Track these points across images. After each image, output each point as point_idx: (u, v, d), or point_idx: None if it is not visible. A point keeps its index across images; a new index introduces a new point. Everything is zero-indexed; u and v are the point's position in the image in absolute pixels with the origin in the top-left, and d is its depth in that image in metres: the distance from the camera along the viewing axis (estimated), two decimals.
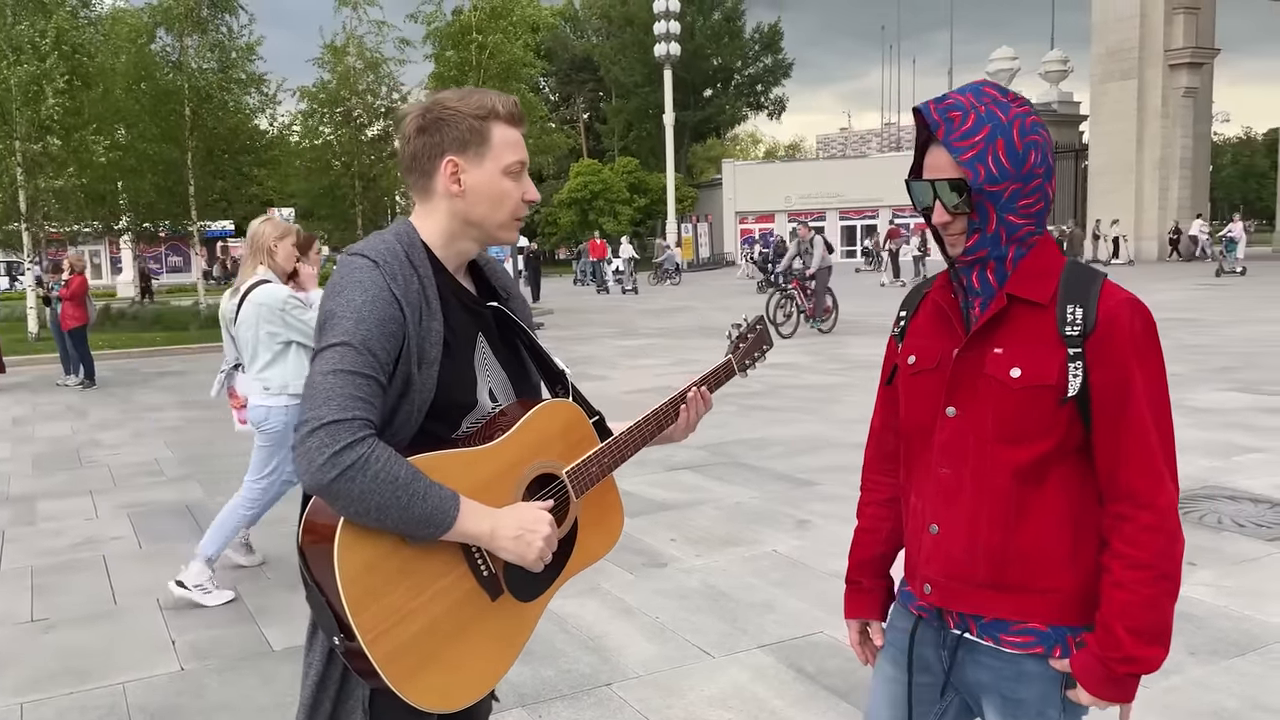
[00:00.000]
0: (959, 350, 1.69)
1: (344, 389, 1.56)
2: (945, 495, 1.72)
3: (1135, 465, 1.58)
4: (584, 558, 1.90)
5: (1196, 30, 41.01)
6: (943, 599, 1.74)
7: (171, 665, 4.05)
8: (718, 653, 3.99)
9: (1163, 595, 1.58)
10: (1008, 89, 1.67)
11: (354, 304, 1.62)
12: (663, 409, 2.00)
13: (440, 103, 1.75)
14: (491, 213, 1.77)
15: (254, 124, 24.35)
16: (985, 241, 1.64)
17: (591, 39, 60.25)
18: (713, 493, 6.46)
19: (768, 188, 51.65)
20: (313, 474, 1.52)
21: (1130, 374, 1.57)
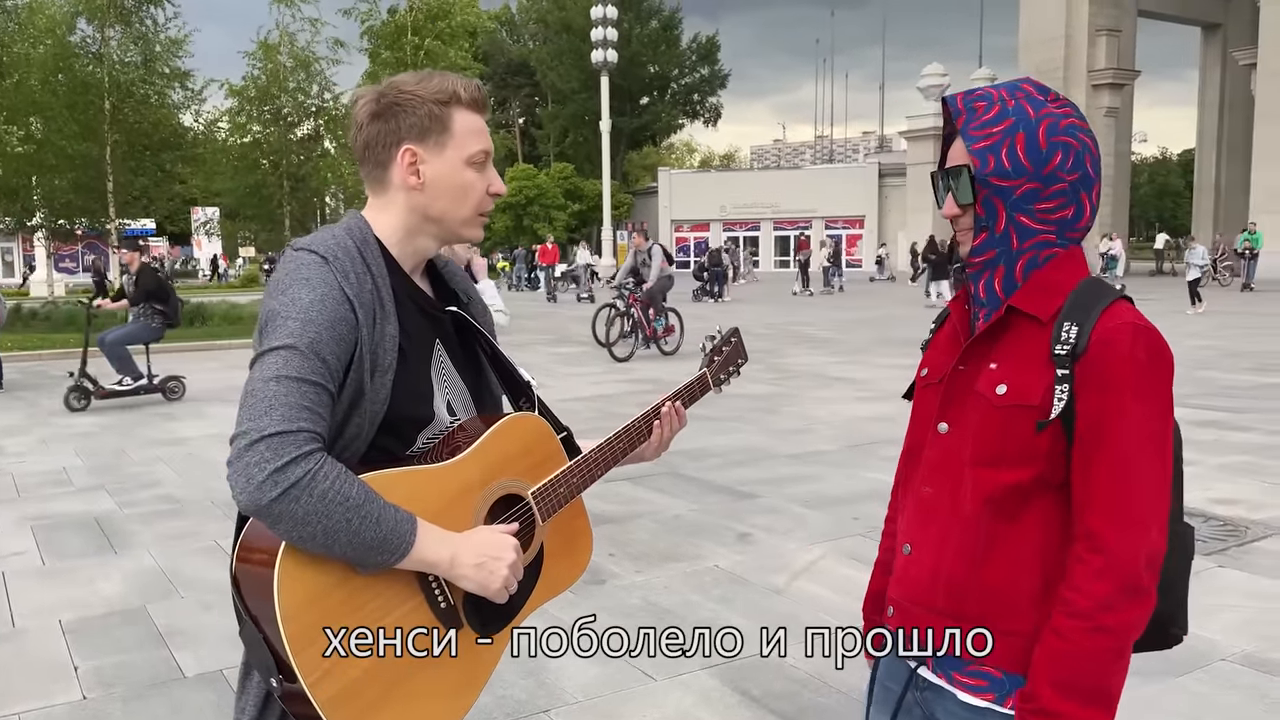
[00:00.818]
0: (956, 363, 1.58)
1: (289, 397, 1.39)
2: (923, 515, 1.60)
3: (1102, 505, 1.41)
4: (550, 587, 1.74)
5: (1118, 52, 42.33)
6: (902, 622, 1.63)
7: (73, 694, 3.74)
8: (660, 675, 3.83)
9: (1100, 652, 1.38)
10: (1049, 89, 1.54)
11: (300, 303, 1.46)
12: (635, 425, 1.87)
13: (396, 86, 1.60)
14: (454, 207, 1.63)
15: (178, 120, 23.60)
16: (993, 242, 1.52)
17: (528, 44, 59.92)
18: (651, 505, 6.31)
19: (703, 197, 51.88)
20: (250, 492, 1.34)
21: (1117, 403, 1.40)
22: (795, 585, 4.80)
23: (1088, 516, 1.42)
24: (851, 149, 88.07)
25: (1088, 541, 1.42)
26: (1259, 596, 4.55)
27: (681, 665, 3.92)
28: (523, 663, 3.96)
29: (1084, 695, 1.38)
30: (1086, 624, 1.39)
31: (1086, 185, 1.50)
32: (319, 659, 1.39)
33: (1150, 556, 1.41)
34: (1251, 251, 30.66)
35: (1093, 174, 1.50)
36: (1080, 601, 1.40)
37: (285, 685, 1.41)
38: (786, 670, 3.84)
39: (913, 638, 1.60)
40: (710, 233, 50.39)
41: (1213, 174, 46.42)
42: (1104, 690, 1.40)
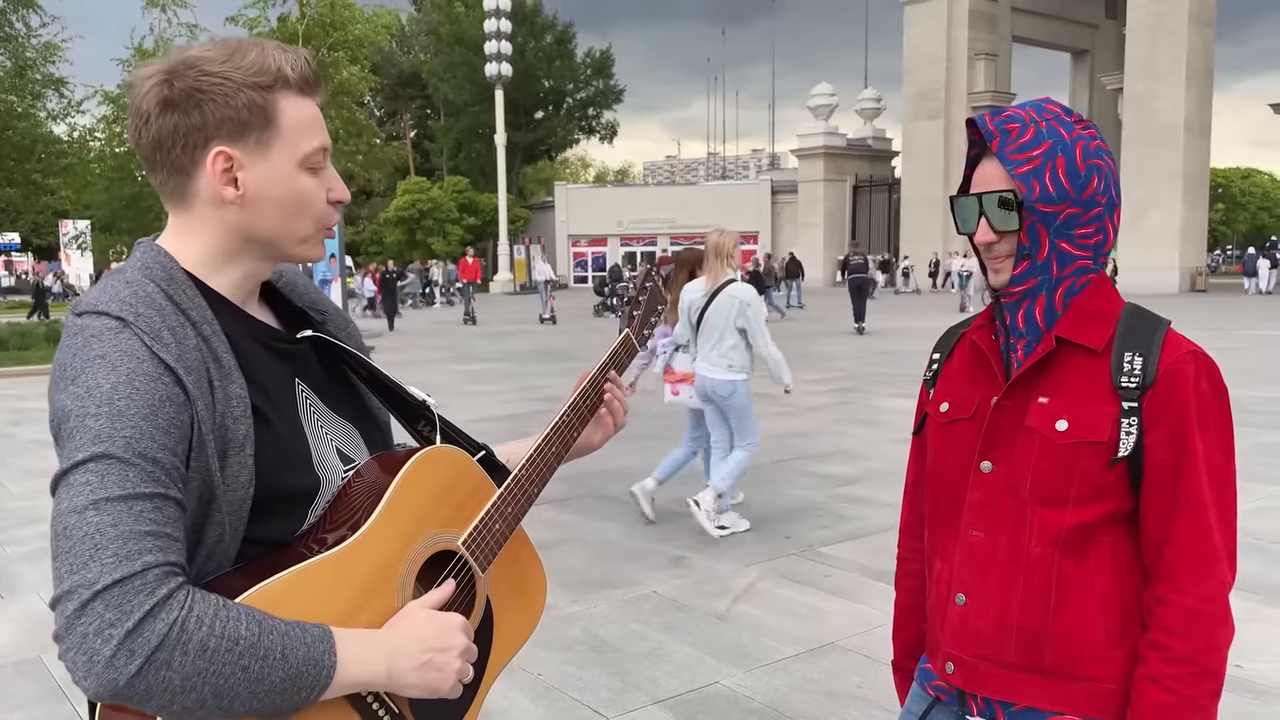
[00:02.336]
0: (998, 398, 1.49)
1: (117, 527, 1.02)
2: (976, 562, 1.51)
3: (1184, 542, 1.38)
4: (508, 645, 1.44)
5: (996, 75, 44.24)
6: (967, 681, 1.53)
7: None
8: (611, 712, 3.67)
9: (1204, 695, 1.37)
10: (1074, 110, 1.49)
11: (99, 393, 1.07)
12: (564, 421, 1.55)
13: (197, 64, 1.18)
14: (287, 225, 1.25)
15: (47, 130, 22.36)
16: (1035, 270, 1.45)
17: (419, 55, 59.02)
18: (579, 530, 6.14)
19: (600, 211, 51.89)
20: (99, 675, 0.97)
21: (1190, 437, 1.37)
22: (737, 609, 4.71)
23: (1171, 555, 1.39)
24: (743, 166, 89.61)
25: (1173, 582, 1.39)
26: None
27: (630, 699, 3.77)
28: None
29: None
30: (1189, 669, 1.36)
31: (1112, 209, 1.46)
32: None
33: (1229, 589, 1.41)
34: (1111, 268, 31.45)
35: (1116, 197, 1.47)
36: (1178, 646, 1.37)
37: None
38: (741, 701, 3.74)
39: (979, 696, 1.53)
40: (608, 248, 50.43)
41: None
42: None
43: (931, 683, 1.62)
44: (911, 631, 1.74)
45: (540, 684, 3.92)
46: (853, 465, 6.90)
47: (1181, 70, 35.65)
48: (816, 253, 46.15)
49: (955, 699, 1.57)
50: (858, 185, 48.53)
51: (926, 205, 44.01)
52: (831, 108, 48.77)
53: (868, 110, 50.93)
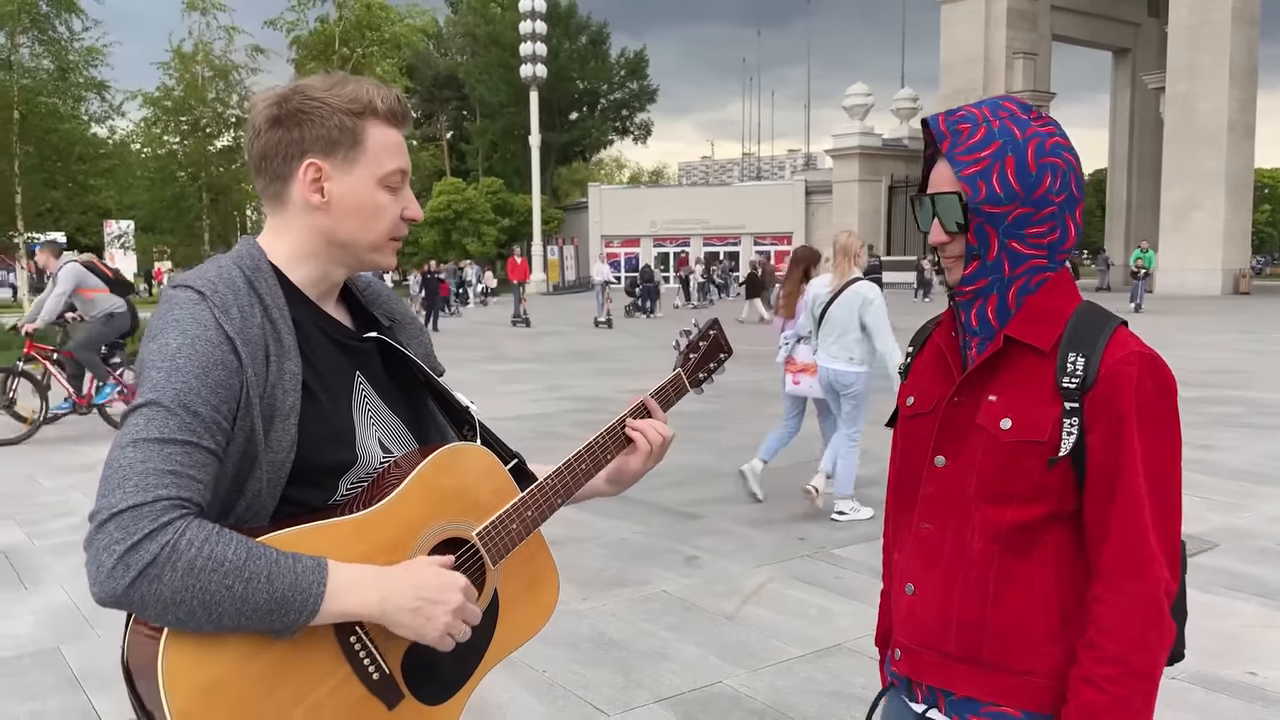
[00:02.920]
0: (952, 395, 1.52)
1: (146, 464, 1.19)
2: (924, 554, 1.55)
3: (1119, 543, 1.39)
4: (511, 638, 1.53)
5: (1034, 75, 43.70)
6: (911, 668, 1.57)
7: None
8: (613, 710, 3.69)
9: (1136, 696, 1.38)
10: (1031, 106, 1.49)
11: (167, 351, 1.27)
12: (598, 441, 1.66)
13: (303, 91, 1.40)
14: (361, 231, 1.43)
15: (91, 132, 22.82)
16: (985, 270, 1.47)
17: (455, 57, 59.47)
18: (595, 528, 6.16)
19: (633, 212, 51.96)
20: (101, 583, 1.15)
21: (1129, 439, 1.38)
22: (745, 610, 4.71)
23: (1103, 556, 1.40)
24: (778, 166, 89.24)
25: (1106, 583, 1.40)
26: (1202, 613, 4.53)
27: (633, 697, 3.79)
28: None
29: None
30: (1120, 670, 1.37)
31: (1072, 206, 1.46)
32: None
33: (1167, 591, 1.40)
34: (1144, 270, 28.37)
35: (1077, 193, 1.47)
36: (1109, 646, 1.38)
37: None
38: (744, 701, 3.74)
39: (924, 684, 1.56)
40: (640, 248, 50.47)
41: (1124, 194, 48.08)
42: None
43: (889, 669, 1.66)
44: (888, 619, 1.76)
45: (544, 680, 3.95)
46: (870, 466, 6.86)
47: (1225, 70, 35.04)
48: None
49: (904, 685, 1.61)
50: (893, 185, 48.15)
51: None
52: (867, 107, 48.47)
53: (904, 110, 50.55)
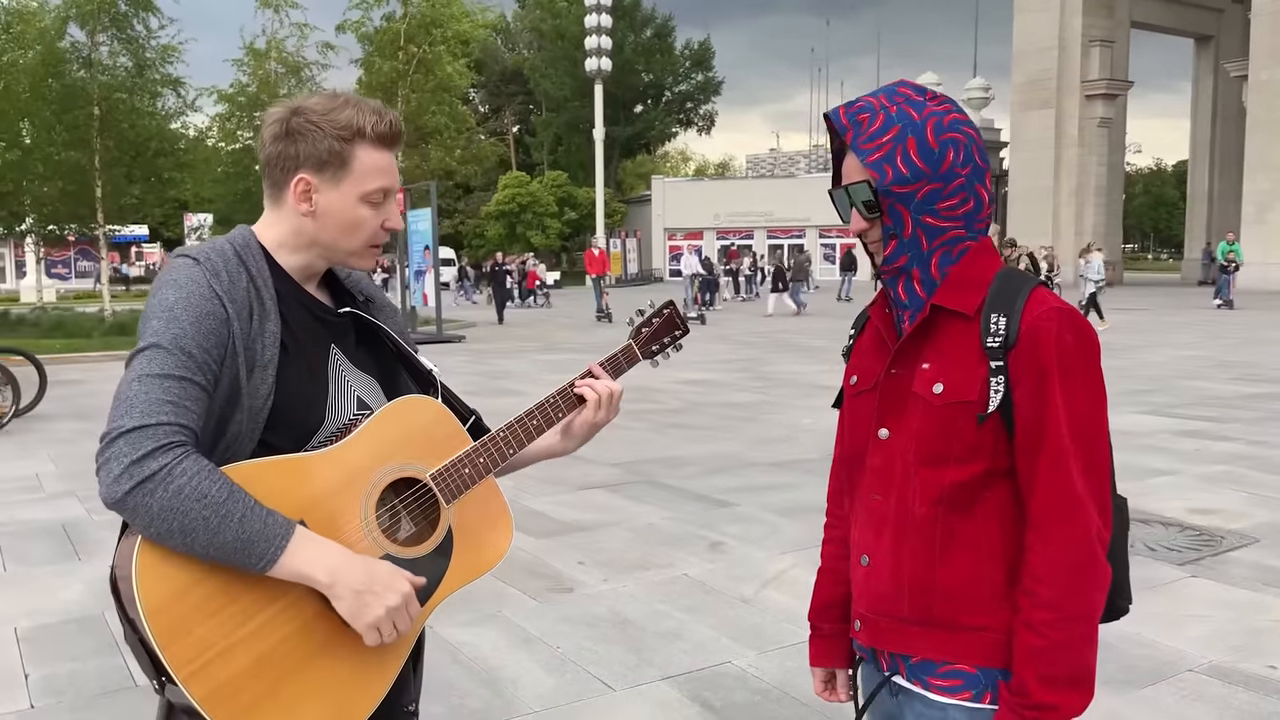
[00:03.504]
0: (888, 367, 1.57)
1: (149, 394, 1.40)
2: (875, 524, 1.59)
3: (1047, 491, 1.44)
4: (465, 572, 1.67)
5: (1111, 63, 42.49)
6: (871, 637, 1.61)
7: (20, 703, 3.68)
8: (620, 685, 3.77)
9: (1075, 640, 1.43)
10: (925, 88, 1.54)
11: (166, 303, 1.48)
12: (548, 400, 1.80)
13: (304, 112, 1.58)
14: (342, 240, 1.62)
15: (170, 127, 23.54)
16: (904, 247, 1.52)
17: (522, 52, 59.97)
18: (625, 513, 6.25)
19: (697, 205, 51.89)
20: (108, 485, 1.37)
21: (1051, 390, 1.42)
22: (763, 594, 4.75)
23: (1033, 505, 1.45)
24: None
25: (1037, 531, 1.45)
26: (1229, 606, 4.50)
27: (643, 674, 3.86)
28: (480, 671, 3.90)
29: (1068, 683, 1.43)
30: (1056, 614, 1.42)
31: (979, 176, 1.51)
32: (194, 653, 1.36)
33: (1098, 535, 1.44)
34: (1234, 264, 26.93)
35: (981, 163, 1.51)
36: (1044, 592, 1.43)
37: (168, 687, 1.39)
38: (750, 681, 3.79)
39: (886, 652, 1.61)
40: (704, 241, 50.39)
41: (1205, 184, 46.56)
42: (1085, 671, 1.45)
43: (855, 644, 1.70)
44: (824, 595, 1.79)
45: (557, 656, 4.04)
46: None
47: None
48: None
49: (870, 656, 1.66)
50: None
51: (1036, 198, 42.67)
52: None
53: (975, 100, 49.69)
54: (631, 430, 9.09)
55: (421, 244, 20.13)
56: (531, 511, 6.28)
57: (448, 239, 50.76)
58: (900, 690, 1.59)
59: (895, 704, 1.61)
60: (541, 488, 6.87)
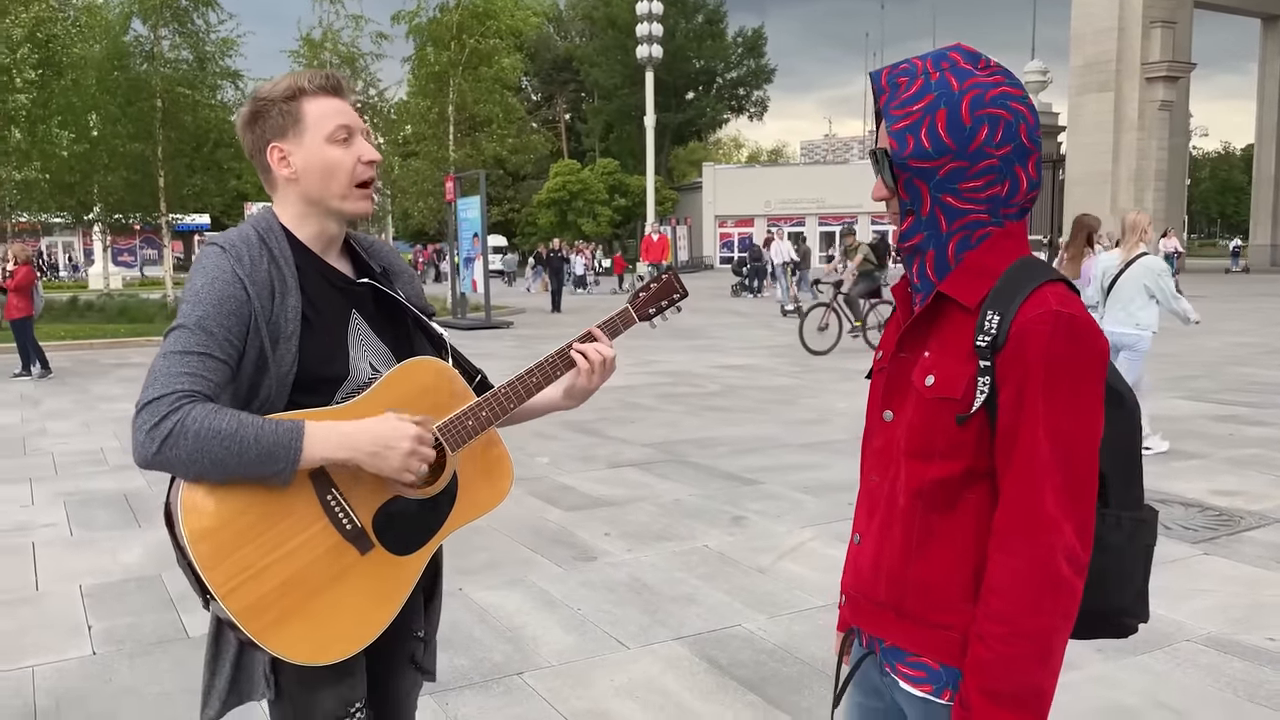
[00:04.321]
0: (895, 349, 1.55)
1: (170, 369, 1.60)
2: (870, 505, 1.60)
3: (1015, 504, 1.37)
4: (469, 510, 1.86)
5: (1174, 44, 41.43)
6: (852, 614, 1.64)
7: (84, 649, 4.01)
8: (633, 644, 3.99)
9: (1022, 658, 1.36)
10: (982, 56, 1.45)
11: (193, 288, 1.68)
12: (548, 359, 1.95)
13: (255, 96, 1.79)
14: (327, 184, 1.77)
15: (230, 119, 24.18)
16: (920, 225, 1.46)
17: (575, 40, 60.22)
18: (654, 490, 6.47)
19: (748, 192, 51.76)
20: (139, 452, 1.57)
21: (1032, 399, 1.35)
22: (779, 565, 4.94)
23: (999, 515, 1.39)
24: None
25: (1000, 541, 1.39)
26: (1236, 582, 4.59)
27: (656, 634, 4.08)
28: (504, 629, 4.15)
29: (1011, 700, 1.36)
30: (1007, 630, 1.36)
31: (1022, 157, 1.41)
32: (231, 575, 1.59)
33: (1068, 556, 1.36)
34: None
35: (1029, 144, 1.41)
36: (997, 605, 1.38)
37: (212, 603, 1.61)
38: (757, 642, 3.98)
39: (861, 631, 1.64)
40: (755, 228, 50.25)
41: (1271, 169, 45.27)
42: (1032, 692, 1.37)
43: None
44: None
45: (577, 617, 4.28)
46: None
47: None
48: None
49: (856, 630, 1.67)
50: None
51: (1094, 183, 41.86)
52: None
53: (1033, 84, 48.78)
54: (667, 412, 9.30)
55: (471, 231, 20.48)
56: (563, 486, 6.53)
57: (498, 227, 51.31)
58: (885, 671, 1.58)
59: (882, 682, 1.60)
60: (575, 465, 7.12)
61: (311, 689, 1.76)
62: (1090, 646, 3.87)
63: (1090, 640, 1.56)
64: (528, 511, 5.92)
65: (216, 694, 1.79)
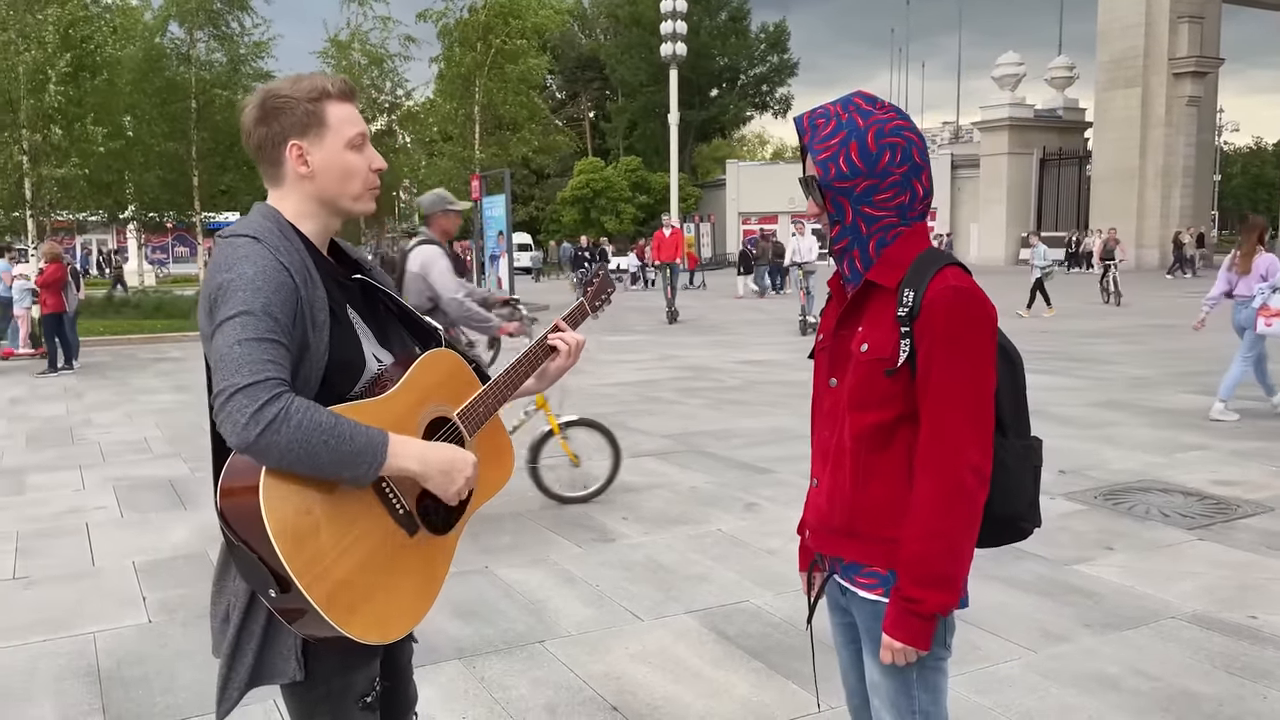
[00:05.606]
0: (834, 328, 1.98)
1: (252, 354, 1.63)
2: (821, 454, 2.01)
3: (929, 431, 1.80)
4: (485, 491, 2.03)
5: (1201, 39, 41.15)
6: (815, 543, 2.04)
7: (140, 618, 4.35)
8: (648, 617, 4.27)
9: (935, 553, 1.79)
10: (878, 99, 1.89)
11: (246, 276, 1.69)
12: (532, 350, 2.16)
13: (274, 92, 1.83)
14: (343, 186, 1.87)
15: None
16: (845, 232, 1.89)
17: (599, 38, 60.53)
18: (671, 478, 6.74)
19: (771, 188, 51.77)
20: (239, 434, 1.59)
21: (939, 349, 1.77)
22: (789, 547, 5.19)
23: (923, 441, 1.82)
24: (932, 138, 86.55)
25: (920, 460, 1.82)
26: (1226, 566, 4.80)
27: (667, 609, 4.36)
28: (527, 603, 4.44)
29: (932, 582, 1.80)
30: (921, 529, 1.80)
31: (916, 173, 1.85)
32: (310, 565, 1.64)
33: (974, 469, 1.78)
34: None
35: (920, 162, 1.85)
36: (916, 513, 1.81)
37: (280, 596, 1.65)
38: (764, 616, 4.25)
39: (825, 556, 2.04)
40: (778, 225, 50.37)
41: None
42: (945, 576, 1.80)
43: None
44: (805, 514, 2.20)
45: (595, 593, 4.56)
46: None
47: None
48: (998, 230, 44.48)
49: (818, 557, 2.09)
50: (1045, 158, 46.35)
51: (1121, 180, 41.63)
52: (1018, 77, 46.73)
53: (1059, 79, 48.49)
54: (686, 405, 9.58)
55: (496, 229, 20.84)
56: None
57: (523, 224, 51.69)
58: (846, 589, 1.99)
59: (845, 600, 2.03)
60: (597, 455, 7.39)
61: (350, 670, 1.84)
62: (1078, 622, 4.11)
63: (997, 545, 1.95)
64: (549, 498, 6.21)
65: (236, 684, 1.81)
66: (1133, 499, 5.97)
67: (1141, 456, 7.07)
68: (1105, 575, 4.66)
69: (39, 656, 3.97)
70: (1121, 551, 5.01)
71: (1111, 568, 4.76)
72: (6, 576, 4.96)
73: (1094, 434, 7.92)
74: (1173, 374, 11.12)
